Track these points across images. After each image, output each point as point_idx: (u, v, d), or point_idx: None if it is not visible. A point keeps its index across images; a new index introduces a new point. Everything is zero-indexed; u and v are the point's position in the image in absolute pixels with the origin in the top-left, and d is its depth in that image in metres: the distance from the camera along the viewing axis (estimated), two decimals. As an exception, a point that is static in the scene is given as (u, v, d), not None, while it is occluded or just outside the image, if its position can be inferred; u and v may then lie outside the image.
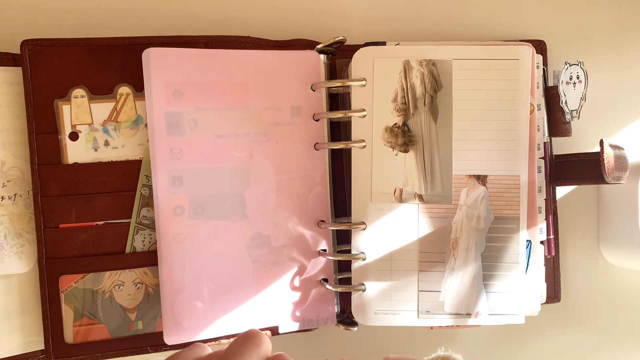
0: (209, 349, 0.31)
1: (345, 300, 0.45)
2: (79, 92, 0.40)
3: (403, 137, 0.42)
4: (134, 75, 0.40)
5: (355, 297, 0.42)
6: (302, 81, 0.42)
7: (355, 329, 0.43)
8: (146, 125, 0.41)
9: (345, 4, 0.48)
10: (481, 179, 0.42)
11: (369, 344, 0.48)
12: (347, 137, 0.43)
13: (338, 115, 0.42)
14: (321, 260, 0.43)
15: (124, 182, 0.41)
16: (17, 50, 0.40)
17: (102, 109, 0.41)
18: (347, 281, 0.43)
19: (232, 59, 0.41)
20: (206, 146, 0.41)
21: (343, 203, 0.44)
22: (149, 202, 0.41)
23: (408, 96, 0.42)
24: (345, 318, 0.44)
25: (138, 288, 0.41)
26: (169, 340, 0.40)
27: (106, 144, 0.41)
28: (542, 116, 0.45)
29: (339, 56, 0.45)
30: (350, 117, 0.42)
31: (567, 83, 0.45)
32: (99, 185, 0.40)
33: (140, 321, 0.41)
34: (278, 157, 0.42)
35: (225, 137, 0.41)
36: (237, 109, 0.41)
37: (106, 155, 0.41)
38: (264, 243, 0.42)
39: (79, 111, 0.40)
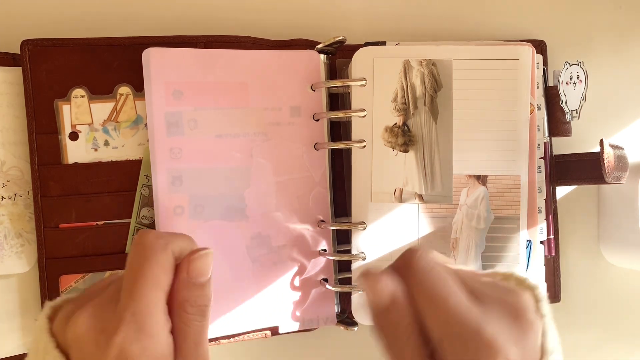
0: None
1: (345, 300, 0.45)
2: (79, 92, 0.40)
3: (403, 137, 0.42)
4: (134, 75, 0.40)
5: (355, 297, 0.42)
6: (302, 81, 0.42)
7: (356, 329, 0.43)
8: (146, 125, 0.41)
9: (345, 4, 0.48)
10: (481, 179, 0.42)
11: (369, 344, 0.48)
12: (347, 137, 0.43)
13: (338, 115, 0.42)
14: (321, 260, 0.43)
15: (124, 182, 0.41)
16: (17, 50, 0.40)
17: (102, 109, 0.41)
18: (347, 281, 0.43)
19: (232, 59, 0.41)
20: (206, 146, 0.41)
21: (343, 203, 0.44)
22: (149, 202, 0.41)
23: (408, 96, 0.42)
24: (345, 318, 0.44)
25: (138, 288, 0.41)
26: (169, 340, 0.40)
27: (106, 144, 0.41)
28: (542, 116, 0.45)
29: (339, 56, 0.45)
30: (350, 117, 0.42)
31: (567, 83, 0.45)
32: (99, 185, 0.40)
33: (140, 321, 0.41)
34: (278, 157, 0.42)
35: (225, 137, 0.41)
36: (237, 109, 0.41)
37: (106, 155, 0.41)
38: (264, 243, 0.42)
39: (79, 111, 0.40)
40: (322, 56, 0.43)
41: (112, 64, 0.41)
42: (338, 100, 0.45)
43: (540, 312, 0.27)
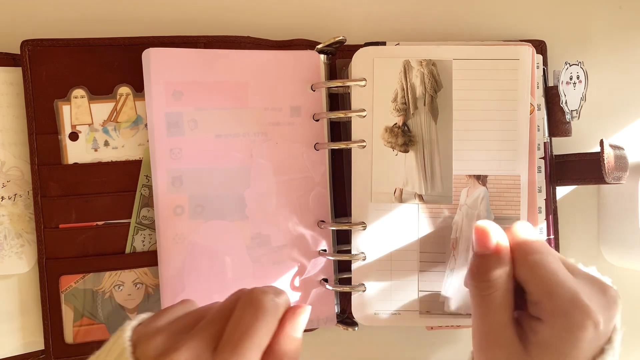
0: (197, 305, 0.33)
1: (345, 300, 0.45)
2: (79, 92, 0.40)
3: (403, 137, 0.42)
4: (134, 75, 0.40)
5: (355, 297, 0.42)
6: (302, 81, 0.42)
7: (356, 329, 0.43)
8: (146, 125, 0.41)
9: (345, 4, 0.48)
10: (481, 179, 0.42)
11: (369, 344, 0.48)
12: (347, 137, 0.43)
13: (338, 115, 0.42)
14: (321, 260, 0.43)
15: (124, 182, 0.41)
16: (17, 50, 0.40)
17: (102, 109, 0.41)
18: (347, 281, 0.43)
19: (232, 59, 0.41)
20: (206, 146, 0.41)
21: (343, 203, 0.44)
22: (149, 202, 0.41)
23: (408, 96, 0.42)
24: (345, 318, 0.44)
25: (138, 288, 0.41)
26: (169, 340, 0.40)
27: (106, 144, 0.41)
28: (542, 116, 0.45)
29: (339, 56, 0.45)
30: (350, 117, 0.42)
31: (567, 83, 0.45)
32: (99, 185, 0.40)
33: (140, 321, 0.41)
34: (278, 157, 0.42)
35: (225, 137, 0.41)
36: (237, 109, 0.41)
37: (106, 155, 0.41)
38: (264, 243, 0.42)
39: (78, 111, 0.40)
40: (322, 56, 0.43)
41: (112, 64, 0.41)
42: (338, 100, 0.45)
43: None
